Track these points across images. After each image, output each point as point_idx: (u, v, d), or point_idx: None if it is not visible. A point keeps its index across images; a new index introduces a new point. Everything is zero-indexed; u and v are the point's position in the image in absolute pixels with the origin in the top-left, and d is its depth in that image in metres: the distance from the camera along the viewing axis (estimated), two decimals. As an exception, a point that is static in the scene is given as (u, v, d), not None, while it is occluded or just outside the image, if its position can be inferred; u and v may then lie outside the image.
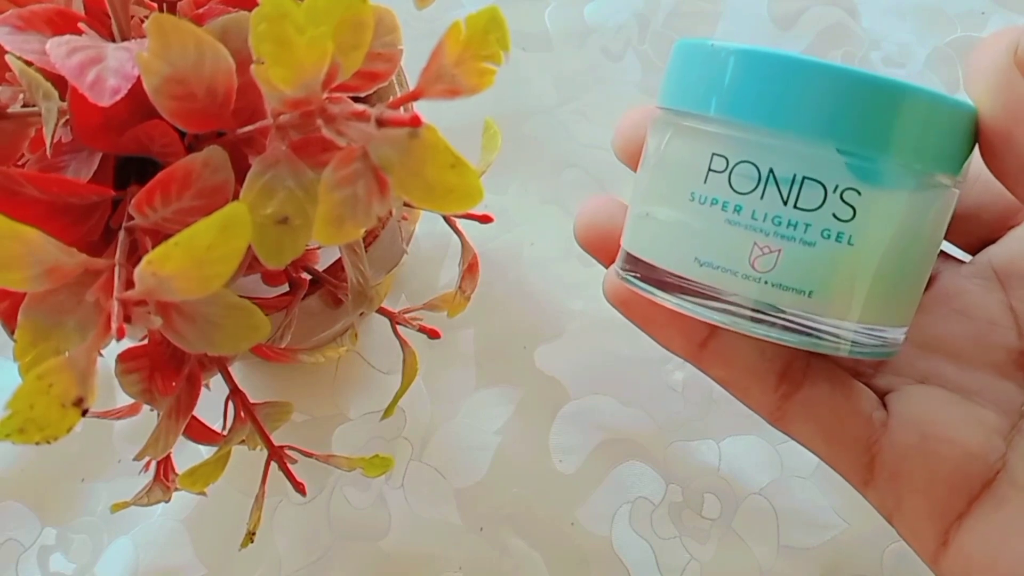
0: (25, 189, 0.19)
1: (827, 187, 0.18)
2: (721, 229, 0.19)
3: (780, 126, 0.18)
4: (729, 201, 0.19)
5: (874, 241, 0.19)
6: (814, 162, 0.18)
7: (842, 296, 0.19)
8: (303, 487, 0.27)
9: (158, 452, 0.23)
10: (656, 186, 0.21)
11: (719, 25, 0.41)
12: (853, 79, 0.18)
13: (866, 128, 0.18)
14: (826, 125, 0.18)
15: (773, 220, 0.18)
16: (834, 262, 0.18)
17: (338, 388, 0.35)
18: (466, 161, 0.17)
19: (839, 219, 0.18)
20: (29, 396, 0.17)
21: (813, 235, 0.18)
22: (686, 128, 0.20)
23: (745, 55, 0.19)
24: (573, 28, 0.41)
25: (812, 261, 0.18)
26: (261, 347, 0.27)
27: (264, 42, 0.16)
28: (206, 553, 0.33)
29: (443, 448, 0.34)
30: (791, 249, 0.19)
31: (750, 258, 0.19)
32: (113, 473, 0.34)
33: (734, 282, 0.19)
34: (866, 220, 0.18)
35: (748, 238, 0.19)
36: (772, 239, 0.19)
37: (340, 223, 0.17)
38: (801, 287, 0.19)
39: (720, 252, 0.19)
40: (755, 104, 0.19)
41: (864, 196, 0.18)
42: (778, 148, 0.18)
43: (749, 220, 0.19)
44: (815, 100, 0.18)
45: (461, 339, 0.36)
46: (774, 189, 0.18)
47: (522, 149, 0.39)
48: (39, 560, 0.33)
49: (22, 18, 0.20)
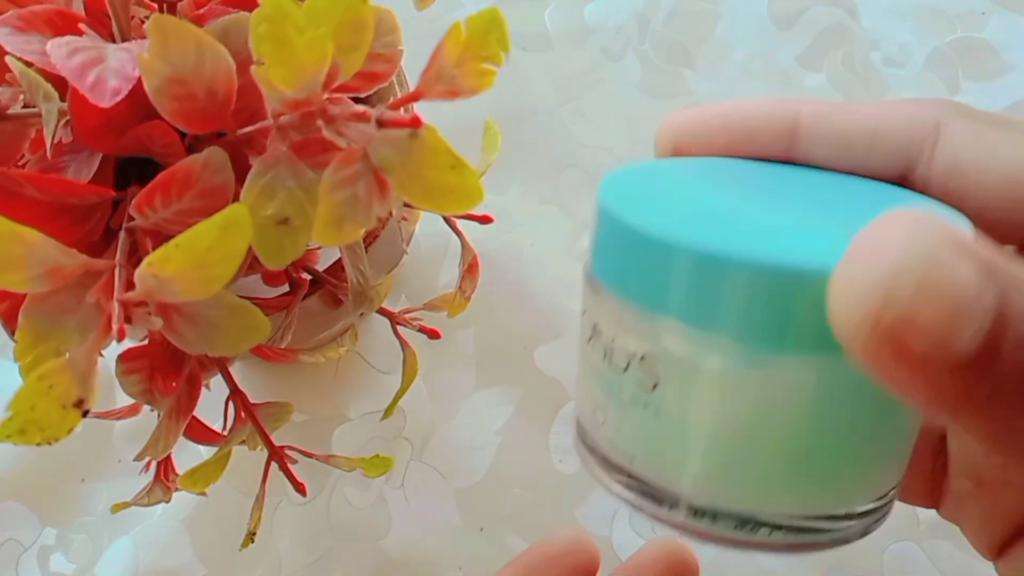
0: (25, 190, 0.19)
1: (631, 353, 0.17)
2: (587, 374, 0.18)
3: (611, 282, 0.17)
4: (584, 343, 0.18)
5: (685, 419, 0.17)
6: (625, 322, 0.17)
7: (661, 468, 0.17)
8: (303, 487, 0.27)
9: (158, 452, 0.23)
10: None
11: (719, 25, 0.41)
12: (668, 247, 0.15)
13: (682, 298, 0.16)
14: (643, 289, 0.16)
15: (600, 375, 0.18)
16: (646, 431, 0.17)
17: (338, 388, 0.35)
18: (466, 162, 0.17)
19: (643, 388, 0.17)
20: (30, 397, 0.17)
21: (626, 398, 0.17)
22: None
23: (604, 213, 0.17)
24: (573, 28, 0.41)
25: (628, 424, 0.17)
26: (261, 347, 0.27)
27: (264, 43, 0.16)
28: (206, 553, 0.33)
29: (443, 448, 0.34)
30: (612, 408, 0.18)
31: (593, 407, 0.18)
32: (113, 473, 0.34)
33: (594, 429, 0.18)
34: (670, 395, 0.16)
35: (594, 388, 0.18)
36: (602, 393, 0.18)
37: (340, 224, 0.17)
38: (625, 448, 0.18)
39: (583, 397, 0.19)
40: (602, 259, 0.18)
41: (665, 367, 0.16)
42: (597, 299, 0.17)
43: (592, 367, 0.18)
44: (638, 262, 0.16)
45: (461, 339, 0.36)
46: (598, 343, 0.17)
47: (522, 149, 0.39)
48: (39, 560, 0.33)
49: (22, 19, 0.20)
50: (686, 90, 0.40)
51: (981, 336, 0.12)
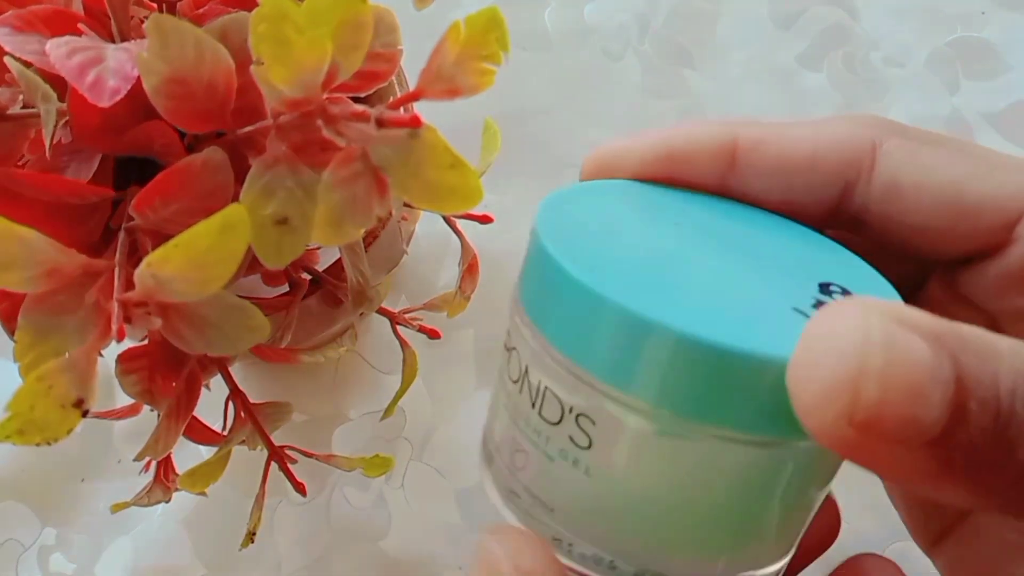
0: (25, 190, 0.19)
1: (563, 405, 0.16)
2: (501, 411, 0.18)
3: (539, 325, 0.16)
4: (506, 384, 0.18)
5: (615, 480, 0.16)
6: (557, 374, 0.16)
7: (581, 523, 0.17)
8: (303, 487, 0.27)
9: (158, 452, 0.23)
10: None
11: (719, 25, 0.41)
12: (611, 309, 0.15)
13: (615, 361, 0.15)
14: (575, 344, 0.15)
15: (525, 419, 0.17)
16: (571, 487, 0.16)
17: (338, 388, 0.35)
18: (466, 161, 0.17)
19: (576, 444, 0.16)
20: (29, 397, 0.17)
21: (552, 450, 0.16)
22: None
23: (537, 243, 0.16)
24: (573, 28, 0.41)
25: (551, 477, 0.17)
26: (261, 347, 0.27)
27: (264, 42, 0.16)
28: (206, 553, 0.33)
29: (443, 448, 0.34)
30: (536, 457, 0.17)
31: (511, 450, 0.17)
32: (113, 473, 0.34)
33: (500, 465, 0.18)
34: (604, 455, 0.16)
35: (512, 429, 0.17)
36: (523, 439, 0.17)
37: (340, 224, 0.17)
38: (544, 499, 0.17)
39: (498, 432, 0.18)
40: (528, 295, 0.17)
41: (600, 427, 0.16)
42: (532, 346, 0.16)
43: (513, 411, 0.17)
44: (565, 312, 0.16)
45: (461, 339, 0.36)
46: (527, 387, 0.17)
47: (522, 149, 0.39)
48: (39, 560, 0.33)
49: (21, 19, 0.20)
50: (686, 90, 0.40)
51: (946, 407, 0.12)
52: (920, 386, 0.12)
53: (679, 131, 0.20)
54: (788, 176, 0.19)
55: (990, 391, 0.12)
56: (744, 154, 0.19)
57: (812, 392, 0.13)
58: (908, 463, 0.12)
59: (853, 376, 0.12)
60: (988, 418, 0.12)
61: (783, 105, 0.39)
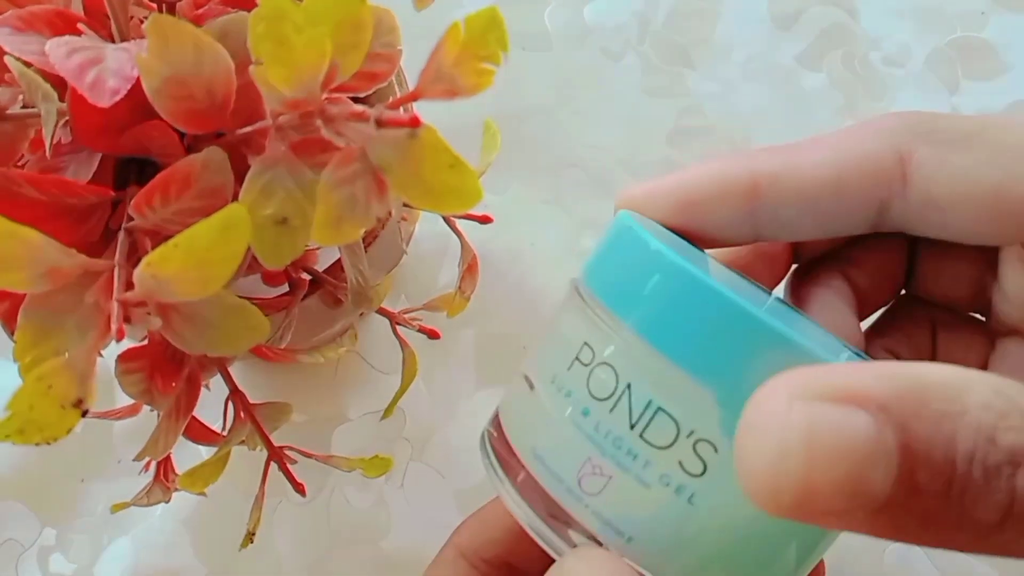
0: (25, 190, 0.19)
1: (681, 428, 0.15)
2: (564, 427, 0.16)
3: (662, 346, 0.15)
4: (581, 400, 0.16)
5: (721, 511, 0.15)
6: (678, 395, 0.15)
7: (667, 555, 0.15)
8: (303, 488, 0.27)
9: (158, 452, 0.23)
10: (540, 350, 0.19)
11: (719, 25, 0.41)
12: (763, 332, 0.14)
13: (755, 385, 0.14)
14: (709, 366, 0.15)
15: (614, 441, 0.15)
16: (666, 516, 0.15)
17: (338, 388, 0.35)
18: (465, 161, 0.17)
19: (685, 470, 0.15)
20: (29, 397, 0.17)
21: (651, 476, 0.15)
22: (578, 302, 0.18)
23: (660, 260, 0.16)
24: (573, 28, 0.41)
25: (641, 504, 0.15)
26: (261, 348, 0.27)
27: (263, 42, 0.16)
28: (206, 554, 0.33)
29: (443, 448, 0.34)
30: (623, 481, 0.15)
31: (579, 471, 0.16)
32: (113, 473, 0.34)
33: (559, 490, 0.16)
34: (718, 484, 0.15)
35: (585, 449, 0.16)
36: (607, 461, 0.16)
37: (339, 224, 0.17)
38: (622, 528, 0.15)
39: (555, 452, 0.16)
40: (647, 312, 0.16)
41: (722, 455, 0.15)
42: (645, 364, 0.15)
43: (592, 430, 0.16)
44: (706, 335, 0.15)
45: (461, 339, 0.36)
46: (626, 406, 0.15)
47: (522, 149, 0.39)
48: (39, 560, 0.33)
49: (21, 19, 0.20)
50: (686, 90, 0.40)
51: (892, 476, 0.12)
52: (855, 460, 0.12)
53: (691, 179, 0.19)
54: (814, 206, 0.18)
55: (942, 457, 0.12)
56: (765, 192, 0.18)
57: (748, 480, 0.13)
58: (860, 526, 0.12)
59: (775, 462, 0.12)
60: (940, 485, 0.12)
61: (783, 105, 0.39)
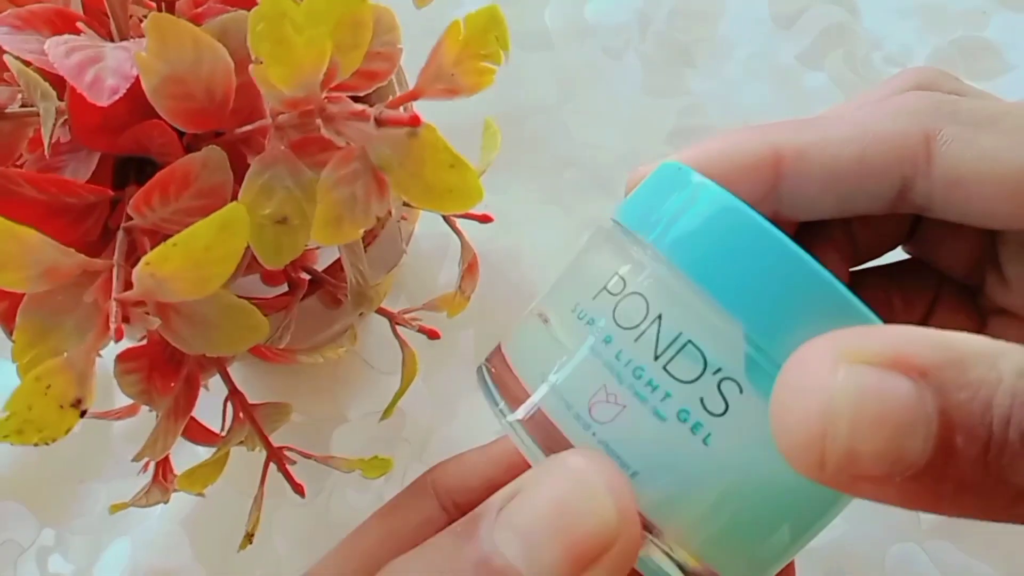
0: (23, 189, 0.19)
1: (708, 364, 0.15)
2: (580, 352, 0.16)
3: (698, 277, 0.15)
4: (604, 328, 0.16)
5: (735, 457, 0.15)
6: (710, 331, 0.15)
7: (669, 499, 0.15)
8: (302, 488, 0.27)
9: (157, 453, 0.22)
10: (558, 286, 0.18)
11: (720, 24, 0.41)
12: (799, 268, 0.14)
13: (789, 329, 0.14)
14: (744, 302, 0.15)
15: (634, 370, 0.15)
16: (677, 452, 0.15)
17: (337, 389, 0.35)
18: (465, 161, 0.17)
19: (706, 408, 0.15)
20: (27, 397, 0.16)
21: (668, 409, 0.15)
22: (610, 240, 0.17)
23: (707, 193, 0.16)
24: (573, 27, 0.41)
25: (653, 437, 0.15)
26: (260, 348, 0.27)
27: (263, 41, 0.16)
28: (205, 554, 0.33)
29: (443, 449, 0.34)
30: (638, 411, 0.15)
31: (592, 398, 0.15)
32: (112, 474, 0.34)
33: (566, 416, 0.16)
34: (736, 426, 0.15)
35: (600, 376, 0.15)
36: (623, 389, 0.15)
37: (339, 223, 0.17)
38: (628, 460, 0.15)
39: (568, 378, 0.16)
40: (685, 242, 0.15)
41: (746, 397, 0.14)
42: (681, 295, 0.15)
43: (612, 357, 0.15)
44: (746, 271, 0.15)
45: (461, 339, 0.36)
46: (653, 336, 0.15)
47: (522, 148, 0.39)
48: (37, 561, 0.33)
49: (21, 18, 0.20)
50: (687, 89, 0.40)
51: (931, 443, 0.12)
52: (896, 426, 0.12)
53: (718, 151, 0.19)
54: (838, 183, 0.18)
55: (980, 423, 0.12)
56: (789, 167, 0.18)
57: (788, 441, 0.13)
58: (894, 494, 0.12)
59: (821, 427, 0.12)
60: (977, 450, 0.12)
61: (784, 104, 0.39)
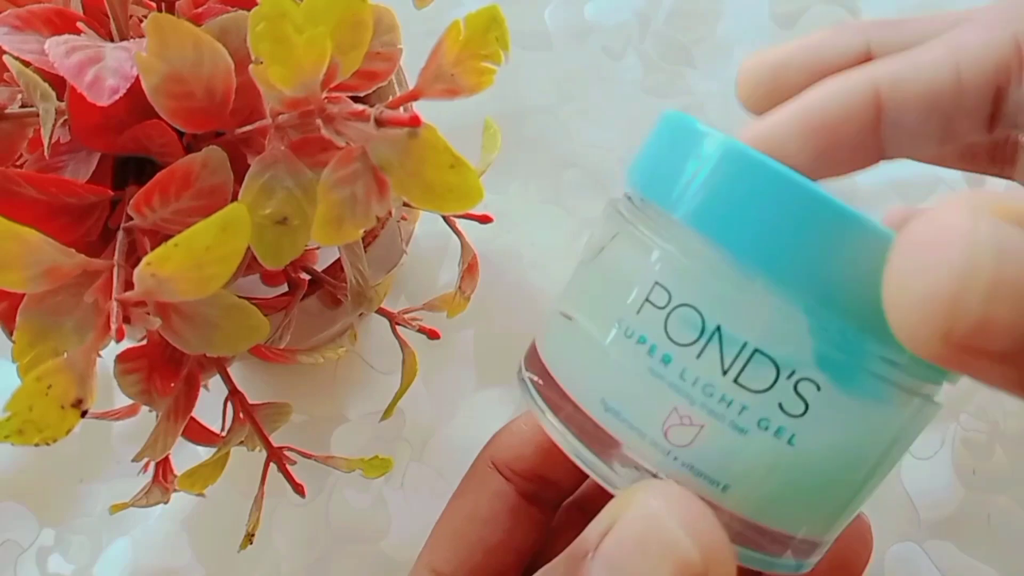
0: (23, 189, 0.19)
1: (781, 369, 0.14)
2: (640, 376, 0.15)
3: (752, 260, 0.14)
4: (658, 346, 0.15)
5: (823, 448, 0.15)
6: (774, 333, 0.14)
7: (767, 500, 0.15)
8: (302, 488, 0.27)
9: (157, 453, 0.22)
10: (588, 289, 0.18)
11: (720, 24, 0.41)
12: (870, 235, 0.13)
13: (858, 304, 0.13)
14: (807, 286, 0.14)
15: (704, 388, 0.15)
16: (765, 460, 0.15)
17: (337, 389, 0.35)
18: (465, 161, 0.17)
19: (785, 412, 0.14)
20: (28, 397, 0.16)
21: (748, 421, 0.14)
22: (637, 236, 0.16)
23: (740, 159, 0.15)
24: (573, 27, 0.41)
25: (738, 451, 0.15)
26: (260, 348, 0.27)
27: (263, 41, 0.16)
28: (205, 555, 0.33)
29: (443, 449, 0.34)
30: (717, 429, 0.15)
31: (664, 423, 0.15)
32: (112, 474, 0.34)
33: (639, 444, 0.15)
34: (819, 422, 0.14)
35: (668, 399, 0.15)
36: (696, 410, 0.15)
37: (339, 223, 0.17)
38: (716, 477, 0.15)
39: (632, 403, 0.15)
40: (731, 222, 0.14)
41: (824, 393, 0.14)
42: (735, 301, 0.14)
43: (676, 378, 0.15)
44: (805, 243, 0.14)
45: (461, 340, 0.36)
46: (715, 351, 0.14)
47: (522, 148, 0.39)
48: (37, 561, 0.33)
49: (20, 18, 0.20)
50: (687, 89, 0.40)
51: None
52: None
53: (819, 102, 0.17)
54: (937, 107, 0.17)
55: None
56: (887, 100, 0.17)
57: (906, 306, 0.11)
58: (1015, 377, 0.11)
59: (954, 290, 0.10)
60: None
61: (784, 105, 0.39)
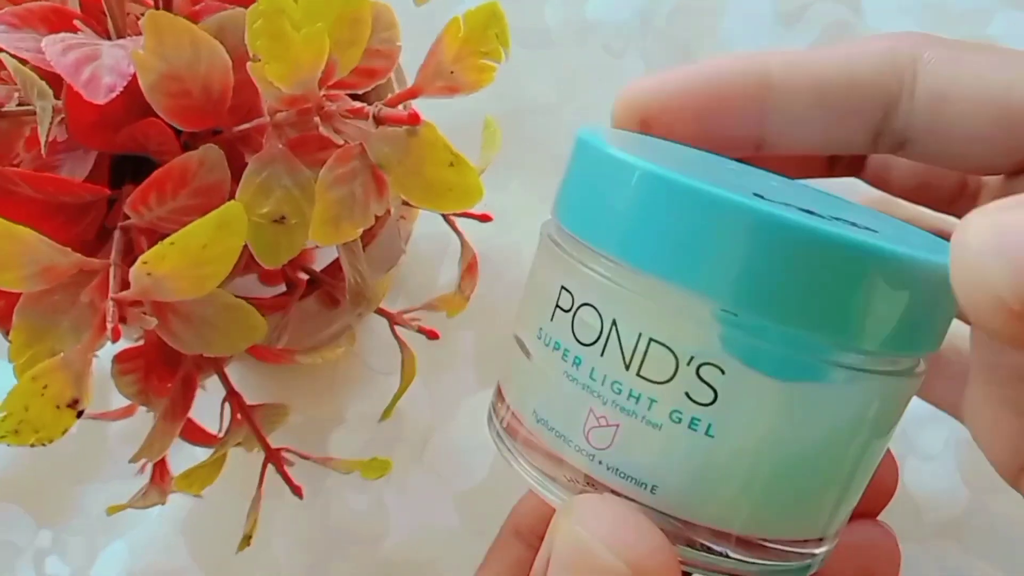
0: (20, 188, 0.19)
1: (679, 357, 0.14)
2: (559, 383, 0.15)
3: (645, 265, 0.14)
4: (570, 350, 0.15)
5: (749, 438, 0.14)
6: (667, 321, 0.14)
7: (698, 496, 0.14)
8: (300, 490, 0.27)
9: (154, 454, 0.22)
10: (523, 307, 0.18)
11: (722, 22, 0.41)
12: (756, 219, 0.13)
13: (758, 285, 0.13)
14: (703, 275, 0.13)
15: (612, 386, 0.14)
16: (686, 455, 0.14)
17: (336, 389, 0.35)
18: (465, 159, 0.17)
19: (694, 401, 0.14)
20: (24, 398, 0.16)
21: (659, 415, 0.14)
22: (548, 245, 0.16)
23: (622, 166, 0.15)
24: (574, 24, 0.41)
25: (658, 448, 0.14)
26: (258, 348, 0.26)
27: (260, 38, 0.16)
28: (202, 556, 0.33)
29: (442, 450, 0.34)
30: (632, 427, 0.14)
31: (584, 427, 0.15)
32: (109, 475, 0.34)
33: (568, 451, 0.15)
34: (736, 409, 0.14)
35: (584, 402, 0.15)
36: (609, 409, 0.14)
37: (337, 222, 0.17)
38: (643, 478, 0.14)
39: (556, 411, 0.15)
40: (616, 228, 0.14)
41: (732, 378, 0.14)
42: (627, 293, 0.14)
43: (587, 379, 0.15)
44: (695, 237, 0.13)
45: (460, 340, 0.36)
46: (616, 346, 0.14)
47: (522, 147, 0.38)
48: (35, 563, 0.33)
49: (17, 16, 0.20)
50: (687, 89, 0.40)
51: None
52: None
53: (706, 67, 0.19)
54: (826, 97, 0.18)
55: None
56: (779, 81, 0.18)
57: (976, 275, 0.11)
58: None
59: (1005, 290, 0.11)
60: None
61: (785, 104, 0.39)
